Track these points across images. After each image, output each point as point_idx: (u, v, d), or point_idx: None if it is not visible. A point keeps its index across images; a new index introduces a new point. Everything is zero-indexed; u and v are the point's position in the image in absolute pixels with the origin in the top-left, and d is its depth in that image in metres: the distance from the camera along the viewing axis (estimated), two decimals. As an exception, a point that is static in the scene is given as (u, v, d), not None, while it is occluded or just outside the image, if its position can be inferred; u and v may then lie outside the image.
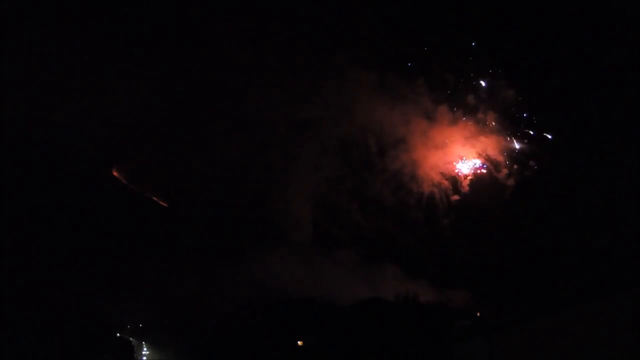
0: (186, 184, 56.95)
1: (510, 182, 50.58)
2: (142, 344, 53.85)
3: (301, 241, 53.44)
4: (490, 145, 51.40)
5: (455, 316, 40.30)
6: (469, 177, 51.78)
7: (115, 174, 58.17)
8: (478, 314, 46.50)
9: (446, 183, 52.18)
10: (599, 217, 48.46)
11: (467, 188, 51.87)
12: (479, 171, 51.80)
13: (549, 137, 50.18)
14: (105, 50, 51.89)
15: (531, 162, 50.59)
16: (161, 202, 59.06)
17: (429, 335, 34.73)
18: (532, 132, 50.44)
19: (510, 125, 51.02)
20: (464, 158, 52.35)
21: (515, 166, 50.82)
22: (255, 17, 51.79)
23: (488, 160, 51.47)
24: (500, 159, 51.33)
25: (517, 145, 51.05)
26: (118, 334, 51.32)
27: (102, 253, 49.70)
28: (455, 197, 52.20)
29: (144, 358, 53.82)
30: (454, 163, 52.39)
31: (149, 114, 52.90)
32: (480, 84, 50.46)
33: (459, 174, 52.16)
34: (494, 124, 51.03)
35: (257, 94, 53.53)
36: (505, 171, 51.03)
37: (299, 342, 43.25)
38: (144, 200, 58.39)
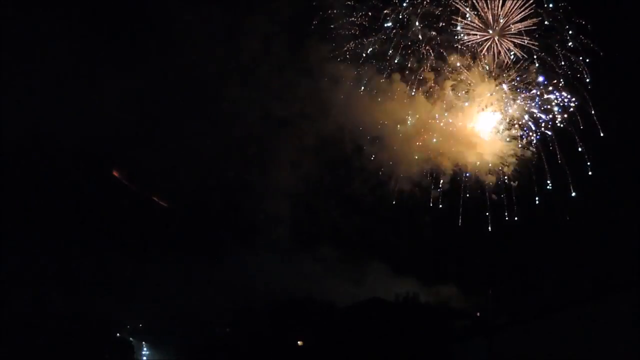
0: (165, 183, 57.01)
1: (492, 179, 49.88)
2: (142, 344, 53.89)
3: (280, 239, 53.20)
4: (473, 140, 50.52)
5: (455, 316, 40.26)
6: (449, 174, 50.93)
7: (115, 174, 58.17)
8: (478, 314, 46.43)
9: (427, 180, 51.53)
10: (598, 216, 48.47)
11: (447, 185, 51.16)
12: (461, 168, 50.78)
13: (538, 135, 49.24)
14: (88, 50, 51.94)
15: (518, 159, 49.73)
16: (161, 202, 59.08)
17: (428, 335, 34.76)
18: (519, 129, 49.29)
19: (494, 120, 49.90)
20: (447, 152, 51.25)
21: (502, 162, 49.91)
22: (232, 13, 51.66)
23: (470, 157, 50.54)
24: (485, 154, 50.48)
25: (502, 141, 49.98)
26: (118, 334, 51.37)
27: (102, 253, 49.76)
28: (435, 195, 51.62)
29: (144, 358, 53.84)
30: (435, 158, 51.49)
31: (127, 114, 52.81)
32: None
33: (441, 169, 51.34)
34: (478, 117, 49.76)
35: (234, 92, 53.26)
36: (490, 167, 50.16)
37: (299, 342, 43.29)
38: (144, 200, 58.43)
